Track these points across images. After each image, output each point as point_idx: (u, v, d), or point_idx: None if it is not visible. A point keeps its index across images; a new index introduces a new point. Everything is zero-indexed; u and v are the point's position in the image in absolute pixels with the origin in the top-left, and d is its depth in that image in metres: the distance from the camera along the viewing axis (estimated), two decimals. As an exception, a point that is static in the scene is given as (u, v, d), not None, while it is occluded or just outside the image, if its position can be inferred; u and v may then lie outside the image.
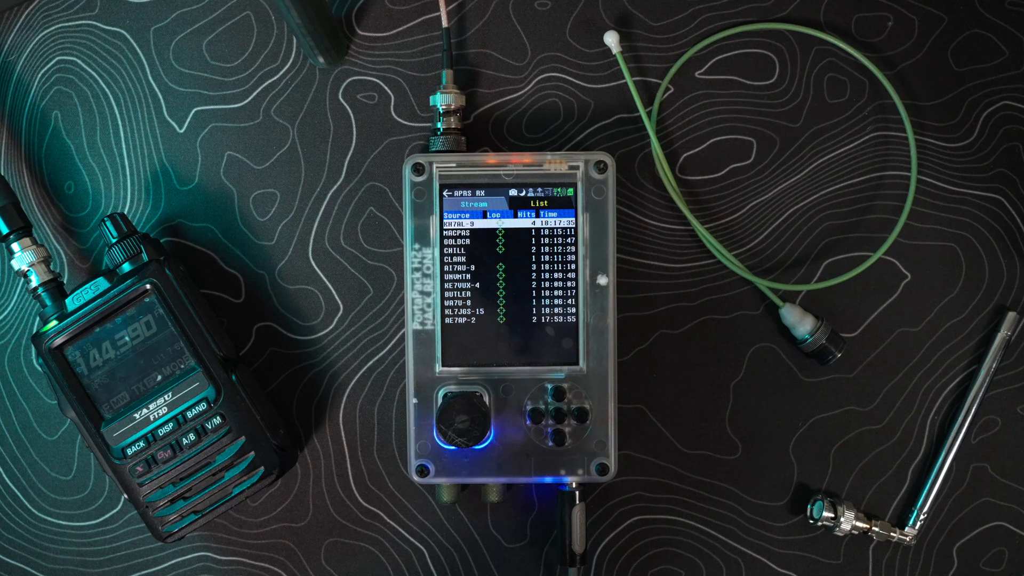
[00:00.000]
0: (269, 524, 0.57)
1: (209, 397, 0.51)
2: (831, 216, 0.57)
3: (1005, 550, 0.57)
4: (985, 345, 0.57)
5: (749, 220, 0.57)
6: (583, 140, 0.57)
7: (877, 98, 0.57)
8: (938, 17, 0.57)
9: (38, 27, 0.57)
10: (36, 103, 0.57)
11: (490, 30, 0.57)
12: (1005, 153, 0.57)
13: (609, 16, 0.57)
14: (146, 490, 0.51)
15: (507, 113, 0.57)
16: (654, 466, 0.57)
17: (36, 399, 0.57)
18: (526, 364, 0.53)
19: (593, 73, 0.57)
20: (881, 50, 0.57)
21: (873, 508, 0.57)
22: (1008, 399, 0.57)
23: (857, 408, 0.57)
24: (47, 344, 0.51)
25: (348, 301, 0.57)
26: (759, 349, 0.57)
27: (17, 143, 0.57)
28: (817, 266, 0.57)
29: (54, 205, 0.57)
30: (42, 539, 0.57)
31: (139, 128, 0.57)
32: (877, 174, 0.57)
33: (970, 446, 0.57)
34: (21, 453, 0.57)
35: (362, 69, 0.57)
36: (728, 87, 0.57)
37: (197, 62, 0.57)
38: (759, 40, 0.57)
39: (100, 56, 0.57)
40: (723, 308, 0.57)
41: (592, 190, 0.53)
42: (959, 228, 0.57)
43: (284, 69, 0.57)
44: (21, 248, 0.52)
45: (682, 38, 0.57)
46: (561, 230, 0.53)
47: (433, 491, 0.56)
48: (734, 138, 0.57)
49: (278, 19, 0.57)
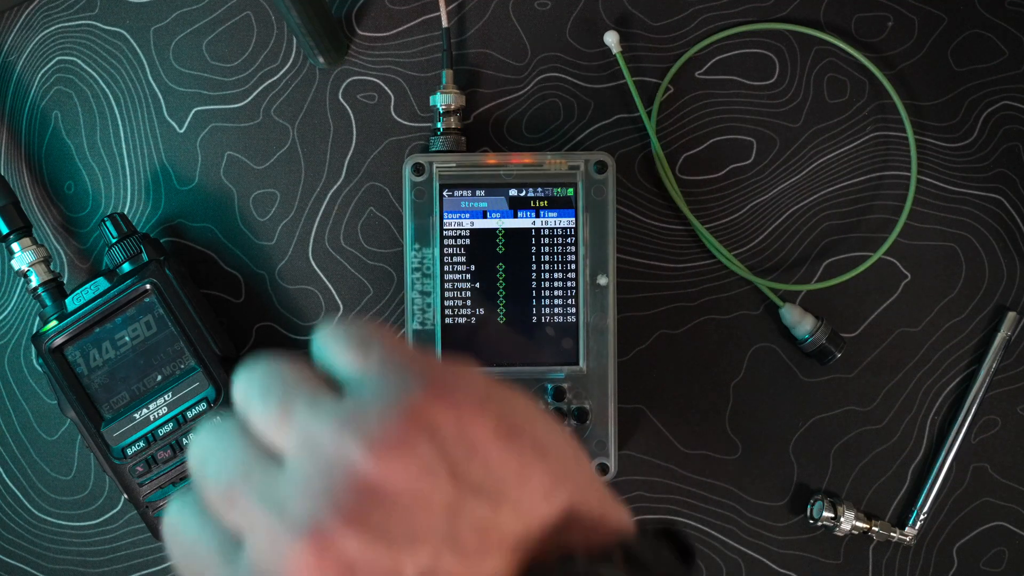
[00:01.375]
0: (269, 524, 0.57)
1: (209, 397, 0.51)
2: (831, 216, 0.57)
3: (1005, 550, 0.57)
4: (985, 345, 0.57)
5: (749, 220, 0.57)
6: (583, 140, 0.57)
7: (877, 98, 0.57)
8: (938, 17, 0.57)
9: (38, 27, 0.57)
10: (36, 103, 0.57)
11: (490, 30, 0.57)
12: (1005, 153, 0.57)
13: (609, 16, 0.57)
14: (146, 490, 0.51)
15: (507, 113, 0.57)
16: (654, 466, 0.57)
17: (36, 399, 0.57)
18: (526, 364, 0.53)
19: (593, 73, 0.57)
20: (881, 50, 0.57)
21: (873, 508, 0.57)
22: (1008, 399, 0.57)
23: (857, 408, 0.57)
24: (47, 344, 0.51)
25: (348, 301, 0.57)
26: (759, 349, 0.57)
27: (17, 143, 0.57)
28: (817, 266, 0.57)
29: (54, 205, 0.57)
30: (42, 539, 0.57)
31: (139, 128, 0.57)
32: (877, 174, 0.57)
33: (970, 446, 0.57)
34: (21, 453, 0.57)
35: (362, 69, 0.57)
36: (728, 87, 0.57)
37: (197, 62, 0.57)
38: (759, 40, 0.57)
39: (100, 56, 0.57)
40: (723, 308, 0.57)
41: (592, 190, 0.53)
42: (959, 228, 0.57)
43: (284, 69, 0.57)
44: (21, 248, 0.52)
45: (682, 38, 0.57)
46: (561, 230, 0.53)
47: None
48: (734, 138, 0.57)
49: (278, 19, 0.57)
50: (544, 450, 0.30)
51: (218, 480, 0.29)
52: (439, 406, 0.29)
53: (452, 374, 0.30)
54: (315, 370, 0.31)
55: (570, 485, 0.30)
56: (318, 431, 0.28)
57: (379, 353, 0.30)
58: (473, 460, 0.29)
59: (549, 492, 0.30)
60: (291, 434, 0.29)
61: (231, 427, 0.30)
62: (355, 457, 0.27)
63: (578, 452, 0.32)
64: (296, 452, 0.29)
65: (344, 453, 0.28)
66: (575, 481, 0.31)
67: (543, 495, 0.30)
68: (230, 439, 0.30)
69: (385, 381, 0.29)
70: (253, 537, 0.28)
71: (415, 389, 0.29)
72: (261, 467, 0.29)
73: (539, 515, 0.30)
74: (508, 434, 0.30)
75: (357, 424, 0.28)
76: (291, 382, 0.30)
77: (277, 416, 0.29)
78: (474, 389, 0.30)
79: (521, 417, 0.31)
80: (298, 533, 0.27)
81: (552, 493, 0.30)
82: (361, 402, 0.29)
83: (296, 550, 0.27)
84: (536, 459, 0.30)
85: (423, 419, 0.28)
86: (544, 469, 0.30)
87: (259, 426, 0.30)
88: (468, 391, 0.30)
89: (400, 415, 0.28)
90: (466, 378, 0.30)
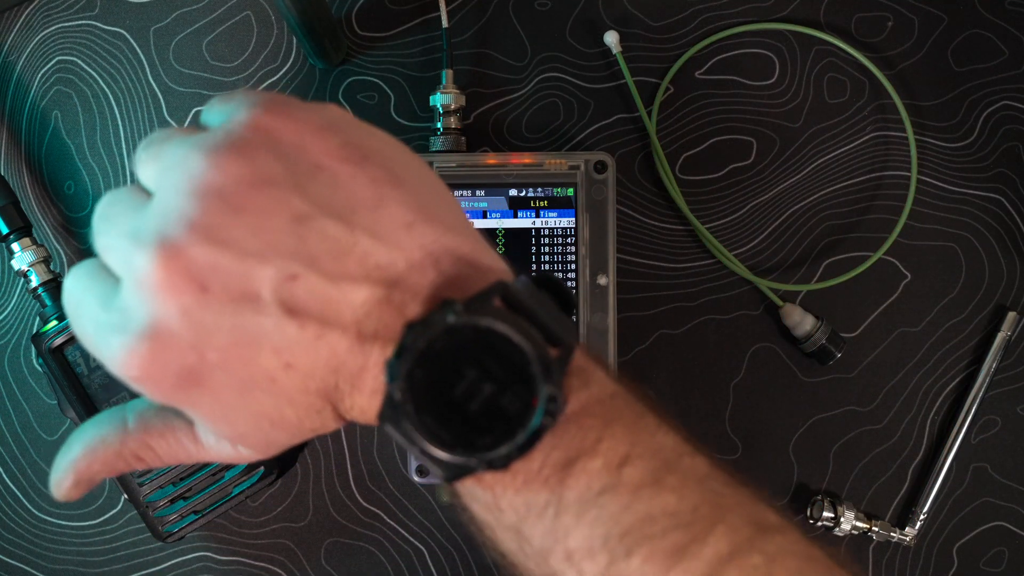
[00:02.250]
0: (269, 524, 0.57)
1: (209, 397, 0.51)
2: (831, 216, 0.57)
3: (1005, 550, 0.57)
4: (985, 345, 0.57)
5: (749, 220, 0.57)
6: (583, 140, 0.57)
7: (877, 98, 0.57)
8: (938, 17, 0.57)
9: (38, 27, 0.57)
10: (36, 103, 0.57)
11: (490, 30, 0.57)
12: (1005, 153, 0.57)
13: (609, 16, 0.57)
14: (146, 490, 0.51)
15: (507, 113, 0.57)
16: (654, 466, 0.57)
17: (36, 399, 0.57)
18: (526, 364, 0.53)
19: (593, 73, 0.57)
20: (881, 50, 0.57)
21: (873, 508, 0.57)
22: (1008, 399, 0.57)
23: (857, 408, 0.57)
24: (47, 344, 0.51)
25: (348, 301, 0.57)
26: (759, 349, 0.57)
27: (17, 143, 0.57)
28: (817, 266, 0.57)
29: (54, 205, 0.57)
30: (42, 539, 0.57)
31: (139, 128, 0.57)
32: (877, 174, 0.57)
33: (970, 446, 0.57)
34: (21, 453, 0.57)
35: (362, 69, 0.57)
36: (728, 87, 0.57)
37: (197, 62, 0.57)
38: (759, 40, 0.57)
39: (100, 56, 0.57)
40: (723, 308, 0.57)
41: (592, 190, 0.53)
42: (959, 228, 0.57)
43: (284, 69, 0.57)
44: (21, 248, 0.52)
45: (682, 38, 0.57)
46: (561, 230, 0.53)
47: (433, 491, 0.56)
48: (734, 138, 0.57)
49: (278, 19, 0.57)
50: (400, 180, 0.30)
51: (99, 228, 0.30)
52: (280, 121, 0.29)
53: (304, 103, 0.31)
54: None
55: (436, 225, 0.30)
56: (172, 157, 0.29)
57: (240, 94, 0.31)
58: (318, 177, 0.29)
59: (410, 224, 0.29)
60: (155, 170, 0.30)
61: (123, 187, 0.31)
62: (197, 167, 0.28)
63: (450, 199, 0.32)
64: (154, 183, 0.29)
65: (189, 167, 0.28)
66: (442, 221, 0.30)
67: (403, 224, 0.29)
68: (118, 194, 0.30)
69: (236, 110, 0.30)
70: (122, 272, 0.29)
71: (258, 108, 0.29)
72: (133, 208, 0.29)
73: (402, 247, 0.29)
74: (357, 157, 0.30)
75: (204, 142, 0.29)
76: (171, 133, 0.31)
77: (151, 160, 0.30)
78: (321, 114, 0.30)
79: (375, 145, 0.31)
80: (147, 248, 0.27)
81: (414, 226, 0.29)
82: (213, 129, 0.30)
83: (146, 265, 0.27)
84: (390, 186, 0.30)
85: (264, 134, 0.29)
86: (400, 198, 0.30)
87: (140, 175, 0.31)
88: (313, 114, 0.30)
89: (241, 129, 0.29)
90: (317, 107, 0.31)
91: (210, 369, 0.28)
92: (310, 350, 0.28)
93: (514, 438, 0.28)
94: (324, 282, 0.28)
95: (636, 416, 0.31)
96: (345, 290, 0.28)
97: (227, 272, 0.27)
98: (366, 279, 0.29)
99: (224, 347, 0.28)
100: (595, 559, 0.29)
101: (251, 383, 0.29)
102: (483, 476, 0.29)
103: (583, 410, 0.30)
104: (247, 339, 0.28)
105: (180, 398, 0.29)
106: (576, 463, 0.29)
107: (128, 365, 0.28)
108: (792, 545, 0.30)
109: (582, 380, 0.30)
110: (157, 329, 0.28)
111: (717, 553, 0.28)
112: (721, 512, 0.29)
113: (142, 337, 0.28)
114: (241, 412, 0.30)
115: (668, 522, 0.29)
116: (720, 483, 0.30)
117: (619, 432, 0.30)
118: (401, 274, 0.29)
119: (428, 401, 0.28)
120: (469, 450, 0.28)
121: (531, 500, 0.29)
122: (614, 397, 0.31)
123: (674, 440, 0.31)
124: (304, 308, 0.28)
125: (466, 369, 0.28)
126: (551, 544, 0.29)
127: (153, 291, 0.27)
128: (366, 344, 0.29)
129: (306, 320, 0.28)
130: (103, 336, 0.29)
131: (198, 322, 0.27)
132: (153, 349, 0.28)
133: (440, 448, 0.28)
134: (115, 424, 0.33)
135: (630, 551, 0.28)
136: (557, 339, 0.29)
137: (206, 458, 0.33)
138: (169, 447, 0.33)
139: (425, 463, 0.29)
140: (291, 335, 0.28)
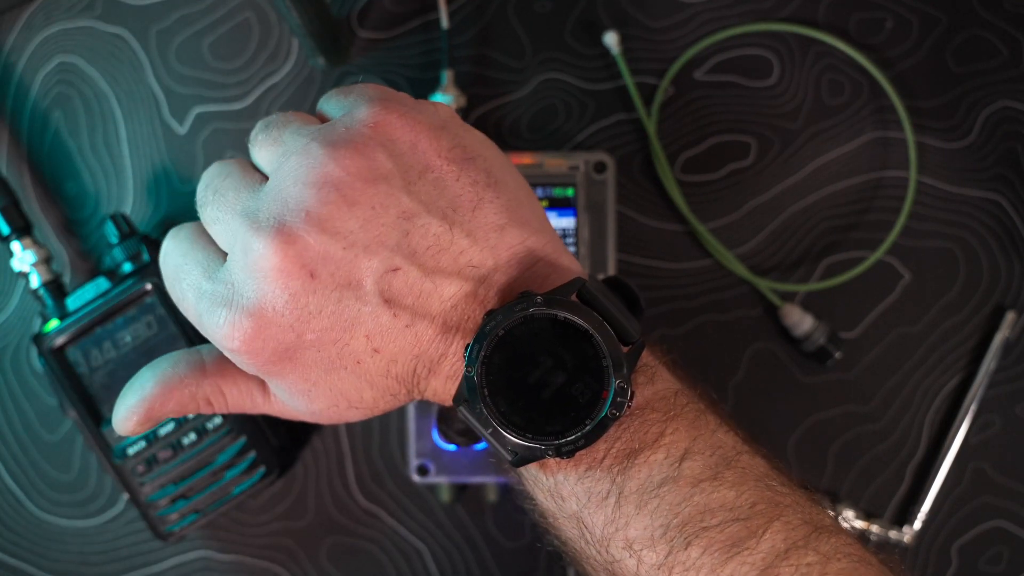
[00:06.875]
0: (270, 523, 0.57)
1: (210, 397, 0.52)
2: (830, 216, 0.57)
3: (1005, 550, 0.57)
4: (984, 345, 0.57)
5: (748, 220, 0.57)
6: (583, 140, 0.57)
7: (876, 99, 0.57)
8: (937, 18, 0.57)
9: (39, 28, 0.57)
10: (37, 103, 0.57)
11: (490, 30, 0.57)
12: (1004, 154, 0.57)
13: (609, 17, 0.57)
14: (147, 490, 0.52)
15: (507, 113, 0.57)
16: (654, 466, 0.57)
17: (37, 399, 0.57)
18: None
19: (593, 74, 0.57)
20: (880, 51, 0.57)
21: (872, 507, 0.57)
22: (1007, 399, 0.57)
23: (856, 408, 0.57)
24: (48, 344, 0.51)
25: (348, 301, 0.57)
26: (758, 349, 0.57)
27: (18, 143, 0.57)
28: (816, 266, 0.57)
29: (55, 205, 0.57)
30: (42, 539, 0.57)
31: (140, 129, 0.57)
32: (876, 175, 0.57)
33: (969, 446, 0.57)
34: (22, 453, 0.57)
35: (363, 70, 0.57)
36: (727, 88, 0.57)
37: (198, 63, 0.57)
38: (758, 41, 0.57)
39: (101, 57, 0.57)
40: (723, 308, 0.57)
41: (592, 190, 0.53)
42: (958, 229, 0.57)
43: (285, 70, 0.57)
44: (22, 248, 0.53)
45: (682, 38, 0.57)
46: (561, 230, 0.53)
47: (433, 491, 0.57)
48: (733, 138, 0.57)
49: (279, 20, 0.57)
50: (496, 183, 0.32)
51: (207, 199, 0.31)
52: (398, 124, 0.31)
53: (417, 102, 0.32)
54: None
55: (524, 227, 0.32)
56: (292, 144, 0.30)
57: (359, 89, 0.32)
58: (425, 176, 0.31)
59: (502, 227, 0.31)
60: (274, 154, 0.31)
61: (232, 160, 0.32)
62: (318, 158, 0.29)
63: (535, 203, 0.34)
64: (273, 168, 0.31)
65: (309, 157, 0.30)
66: (530, 226, 0.32)
67: (496, 227, 0.31)
68: (229, 168, 0.32)
69: (356, 104, 0.32)
70: (231, 248, 0.30)
71: (376, 105, 0.31)
72: (247, 187, 0.31)
73: (493, 248, 0.31)
74: (462, 159, 0.31)
75: (324, 134, 0.30)
76: (290, 118, 0.32)
77: (270, 143, 0.31)
78: (435, 116, 0.32)
79: (478, 149, 0.32)
80: (265, 233, 0.29)
81: (505, 229, 0.31)
82: (333, 122, 0.31)
83: (263, 249, 0.29)
84: (487, 189, 0.31)
85: (381, 132, 0.30)
86: (495, 201, 0.31)
87: (256, 155, 0.32)
88: (428, 115, 0.32)
89: (360, 125, 0.30)
90: (430, 107, 0.32)
91: (304, 348, 0.30)
92: (399, 337, 0.30)
93: (583, 427, 0.30)
94: (421, 276, 0.30)
95: (697, 414, 0.32)
96: (438, 284, 0.30)
97: (336, 261, 0.29)
98: (458, 275, 0.30)
99: (322, 329, 0.29)
100: (655, 548, 0.30)
101: (338, 364, 0.30)
102: (547, 462, 0.31)
103: (647, 405, 0.31)
104: (344, 323, 0.29)
105: (270, 370, 0.31)
106: (639, 455, 0.30)
107: (231, 337, 0.30)
108: (846, 547, 0.31)
109: (647, 377, 0.32)
110: (263, 308, 0.29)
111: (773, 548, 0.29)
112: (778, 510, 0.30)
113: (248, 314, 0.29)
114: (323, 389, 0.31)
115: (726, 515, 0.30)
116: (778, 482, 0.31)
117: (681, 428, 0.31)
118: (489, 272, 0.31)
119: (502, 386, 0.30)
120: (539, 435, 0.30)
121: (593, 488, 0.31)
122: (677, 395, 0.32)
123: (733, 439, 0.32)
124: (399, 298, 0.30)
125: (541, 358, 0.30)
126: (612, 532, 0.30)
127: (265, 273, 0.29)
128: (448, 334, 0.30)
129: (400, 310, 0.30)
130: (206, 306, 0.30)
131: (303, 305, 0.29)
132: (257, 326, 0.29)
133: (511, 432, 0.30)
134: (193, 365, 0.34)
135: (688, 541, 0.29)
136: (628, 336, 0.31)
137: (272, 412, 0.34)
138: (240, 395, 0.34)
139: (494, 446, 0.30)
140: (384, 323, 0.30)
